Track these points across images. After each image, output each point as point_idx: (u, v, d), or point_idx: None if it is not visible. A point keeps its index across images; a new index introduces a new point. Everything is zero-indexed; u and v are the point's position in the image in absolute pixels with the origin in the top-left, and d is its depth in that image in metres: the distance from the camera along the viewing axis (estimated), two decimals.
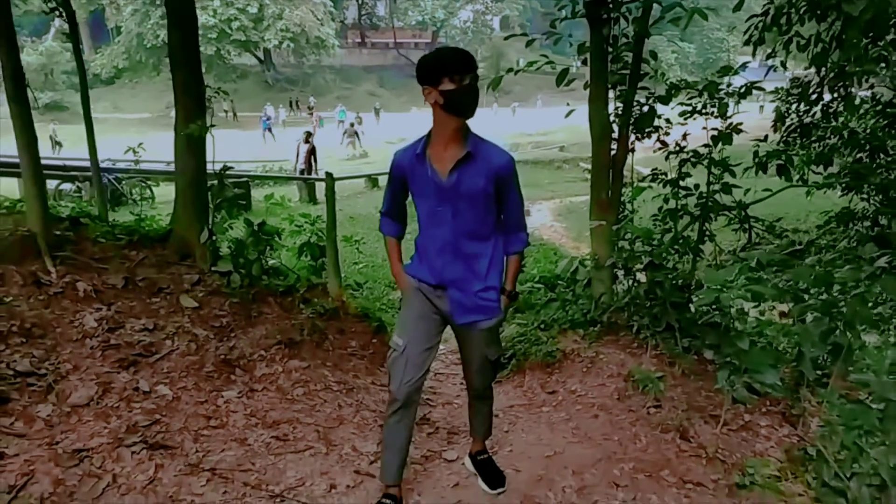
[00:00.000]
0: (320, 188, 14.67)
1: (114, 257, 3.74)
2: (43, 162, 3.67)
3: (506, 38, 7.09)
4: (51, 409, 2.62)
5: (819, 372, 3.42)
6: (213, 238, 3.95)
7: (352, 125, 25.45)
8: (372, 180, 16.79)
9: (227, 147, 11.91)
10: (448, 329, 2.51)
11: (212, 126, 3.83)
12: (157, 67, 40.44)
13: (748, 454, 2.93)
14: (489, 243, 2.37)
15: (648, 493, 2.66)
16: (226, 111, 33.41)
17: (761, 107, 25.91)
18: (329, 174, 4.39)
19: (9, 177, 8.49)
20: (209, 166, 4.15)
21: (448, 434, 3.25)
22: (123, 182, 11.93)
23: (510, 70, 4.21)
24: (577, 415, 3.32)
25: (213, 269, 3.98)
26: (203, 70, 4.28)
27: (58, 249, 3.56)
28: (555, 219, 15.34)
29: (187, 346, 3.30)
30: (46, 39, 38.87)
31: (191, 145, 4.02)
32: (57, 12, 4.27)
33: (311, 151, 15.31)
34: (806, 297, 3.44)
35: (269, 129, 29.50)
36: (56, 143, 24.53)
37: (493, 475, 2.71)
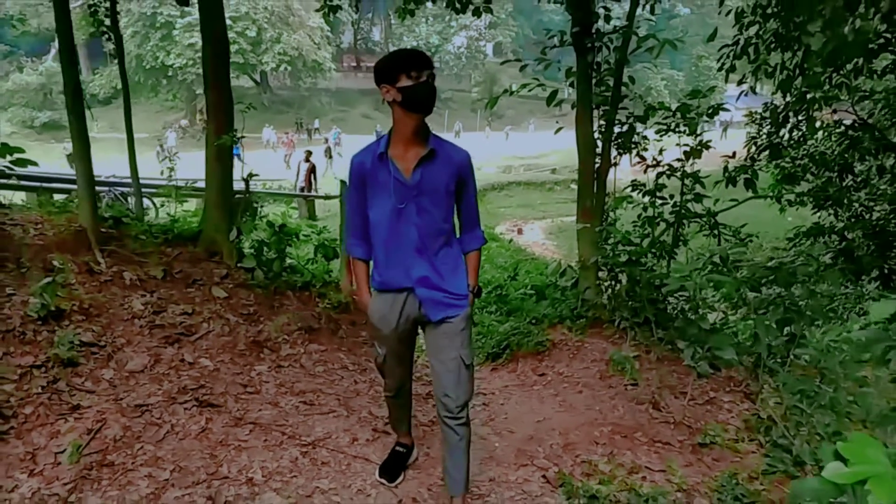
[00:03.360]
0: (320, 205, 15.16)
1: (152, 252, 4.18)
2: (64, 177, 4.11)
3: (502, 63, 7.67)
4: (112, 374, 3.06)
5: (778, 359, 3.90)
6: (240, 237, 4.41)
7: (325, 149, 26.01)
8: None
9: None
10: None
11: (242, 138, 4.31)
12: (156, 89, 41.06)
13: (711, 421, 3.39)
14: (452, 240, 2.41)
15: (623, 450, 3.12)
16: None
17: (724, 130, 26.89)
18: (343, 181, 4.88)
19: (28, 191, 8.91)
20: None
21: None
22: (129, 196, 12.36)
23: (506, 91, 4.74)
24: (563, 391, 3.78)
25: (238, 265, 4.43)
26: (200, 91, 4.77)
27: (104, 244, 4.01)
28: (546, 237, 15.90)
29: (221, 329, 3.75)
30: (46, 60, 39.41)
31: (220, 155, 4.50)
32: (106, 36, 4.76)
33: (312, 170, 15.82)
34: (763, 290, 3.95)
35: (239, 156, 29.24)
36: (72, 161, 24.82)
37: None
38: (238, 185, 4.92)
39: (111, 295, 3.62)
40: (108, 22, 4.67)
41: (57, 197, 7.60)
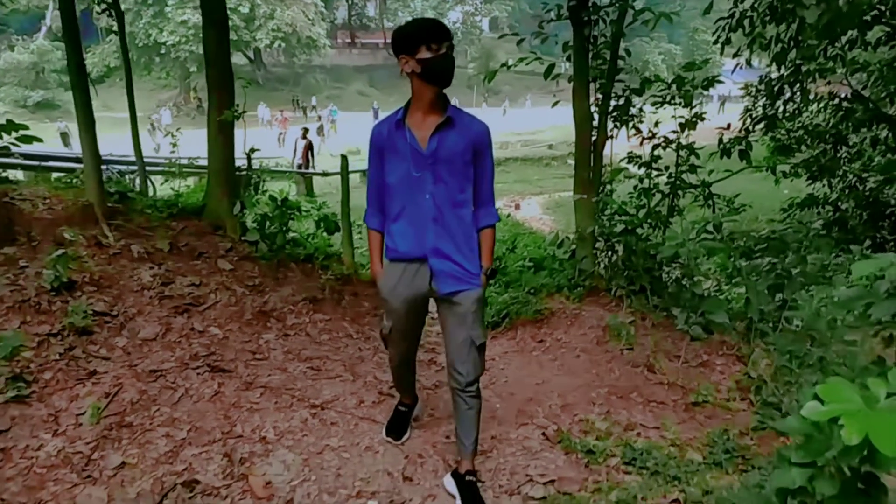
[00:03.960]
0: (318, 182, 15.19)
1: (158, 226, 4.27)
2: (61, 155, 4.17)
3: (500, 38, 7.68)
4: (126, 341, 3.16)
5: (770, 324, 4.02)
6: (244, 211, 4.49)
7: (318, 127, 25.82)
8: (365, 175, 17.33)
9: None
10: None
11: (244, 112, 4.38)
12: (149, 66, 40.64)
13: (704, 382, 3.52)
14: (466, 213, 2.37)
15: (619, 409, 3.25)
16: None
17: (722, 104, 26.90)
18: (343, 156, 4.96)
19: (25, 170, 8.94)
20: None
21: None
22: (126, 175, 12.41)
23: (503, 66, 4.78)
24: (561, 356, 3.91)
25: (242, 238, 4.52)
26: (194, 69, 4.82)
27: (111, 218, 4.09)
28: (543, 212, 15.98)
29: (228, 299, 3.85)
30: (37, 38, 38.94)
31: (223, 131, 4.56)
32: (107, 13, 4.79)
33: (309, 147, 15.81)
34: (757, 260, 4.06)
35: None
36: (66, 139, 24.60)
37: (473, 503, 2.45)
38: (240, 162, 5.00)
39: (120, 267, 3.71)
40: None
41: (54, 176, 7.64)
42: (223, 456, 2.55)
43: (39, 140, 3.91)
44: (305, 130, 16.55)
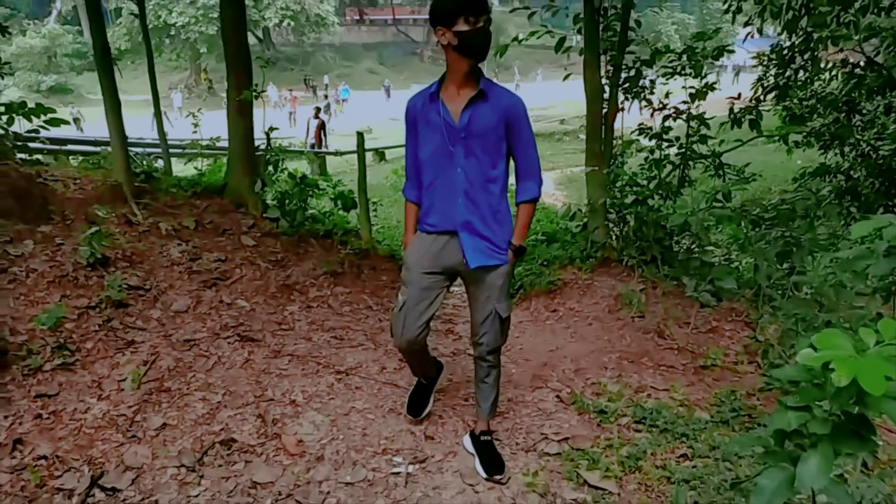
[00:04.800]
0: (331, 162, 15.30)
1: (183, 205, 4.43)
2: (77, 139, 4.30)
3: (511, 11, 7.66)
4: (160, 313, 3.34)
5: (778, 291, 4.11)
6: (265, 189, 4.63)
7: (325, 105, 25.63)
8: (379, 154, 17.43)
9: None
10: None
11: (263, 92, 4.49)
12: (159, 48, 40.60)
13: (713, 347, 3.63)
14: (496, 188, 2.34)
15: (630, 373, 3.38)
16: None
17: (736, 74, 26.58)
18: (360, 133, 5.07)
19: (46, 154, 9.14)
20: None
21: (469, 341, 3.97)
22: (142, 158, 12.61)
23: (515, 39, 4.83)
24: (574, 324, 4.03)
25: (263, 215, 4.67)
26: (204, 50, 4.92)
27: (138, 197, 4.25)
28: (556, 188, 15.98)
29: (253, 274, 4.01)
30: (48, 21, 39.07)
31: (242, 110, 4.68)
32: None
33: (321, 127, 15.90)
34: (766, 230, 4.14)
35: None
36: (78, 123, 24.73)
37: (491, 460, 2.53)
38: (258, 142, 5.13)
39: (150, 244, 3.88)
40: None
41: (71, 159, 7.83)
42: (257, 417, 2.72)
43: (67, 123, 4.07)
44: (318, 110, 16.63)
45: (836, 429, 1.52)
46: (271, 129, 4.70)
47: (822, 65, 6.27)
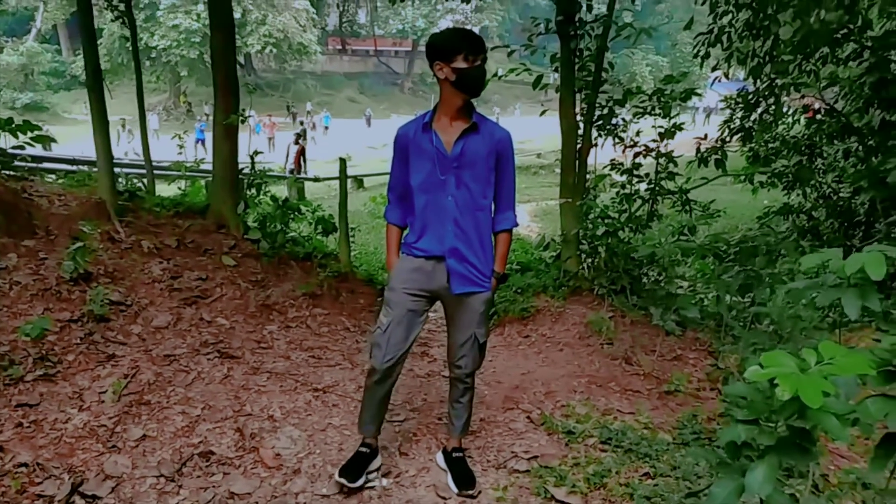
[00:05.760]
0: (309, 188, 15.39)
1: (165, 224, 4.50)
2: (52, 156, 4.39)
3: (492, 49, 7.93)
4: (140, 329, 3.39)
5: (740, 322, 4.30)
6: (247, 210, 4.73)
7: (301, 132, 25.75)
8: (358, 181, 17.59)
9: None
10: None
11: (249, 117, 4.61)
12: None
13: (677, 373, 3.79)
14: (484, 216, 2.43)
15: (598, 397, 3.51)
16: (206, 115, 33.74)
17: (707, 116, 27.69)
18: (342, 159, 5.21)
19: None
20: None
21: (443, 363, 4.07)
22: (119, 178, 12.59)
23: (494, 75, 5.04)
24: (546, 350, 4.17)
25: (245, 237, 4.75)
26: (185, 73, 5.05)
27: (121, 215, 4.31)
28: (532, 220, 16.27)
29: (233, 293, 4.08)
30: (27, 40, 38.83)
31: (227, 133, 4.80)
32: (120, 21, 5.01)
33: (301, 152, 16.03)
34: (728, 259, 4.35)
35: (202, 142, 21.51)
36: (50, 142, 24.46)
37: (463, 475, 2.60)
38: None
39: (132, 261, 3.94)
40: (122, 7, 4.91)
41: (49, 178, 7.79)
42: (235, 431, 2.78)
43: (54, 140, 4.12)
44: (298, 136, 16.77)
45: (781, 441, 1.67)
46: (256, 152, 4.82)
47: (785, 109, 6.60)
